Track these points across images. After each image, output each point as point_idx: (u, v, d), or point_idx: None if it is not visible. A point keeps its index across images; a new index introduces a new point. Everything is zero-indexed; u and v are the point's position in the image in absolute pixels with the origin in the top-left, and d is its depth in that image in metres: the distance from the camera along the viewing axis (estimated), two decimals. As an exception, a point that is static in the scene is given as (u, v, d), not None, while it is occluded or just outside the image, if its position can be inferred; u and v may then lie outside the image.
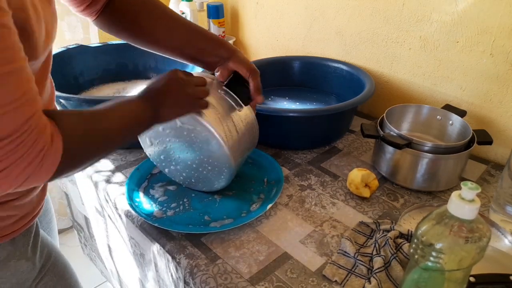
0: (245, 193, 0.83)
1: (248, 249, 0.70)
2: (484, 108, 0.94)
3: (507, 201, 0.72)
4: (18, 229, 0.57)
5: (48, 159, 0.42)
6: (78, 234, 1.42)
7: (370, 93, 0.96)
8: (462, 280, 0.49)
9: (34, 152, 0.41)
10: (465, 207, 0.44)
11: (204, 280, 0.64)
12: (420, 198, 0.82)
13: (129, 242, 0.88)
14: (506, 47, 0.86)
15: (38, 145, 0.41)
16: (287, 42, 1.34)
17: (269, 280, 0.64)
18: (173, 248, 0.70)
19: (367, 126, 0.86)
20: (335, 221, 0.76)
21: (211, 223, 0.75)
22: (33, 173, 0.42)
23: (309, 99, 1.16)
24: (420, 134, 0.94)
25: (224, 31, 1.44)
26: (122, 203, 0.82)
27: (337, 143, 1.02)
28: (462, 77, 0.96)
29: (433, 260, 0.47)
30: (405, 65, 1.06)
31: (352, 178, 0.81)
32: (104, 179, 0.89)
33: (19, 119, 0.40)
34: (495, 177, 0.89)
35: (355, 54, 1.16)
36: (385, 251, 0.65)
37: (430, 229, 0.47)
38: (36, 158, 0.41)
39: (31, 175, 0.42)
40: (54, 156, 0.43)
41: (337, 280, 0.63)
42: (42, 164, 0.42)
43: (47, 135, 0.42)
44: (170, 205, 0.80)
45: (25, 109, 0.40)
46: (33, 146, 0.41)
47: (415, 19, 0.99)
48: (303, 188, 0.85)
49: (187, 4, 1.31)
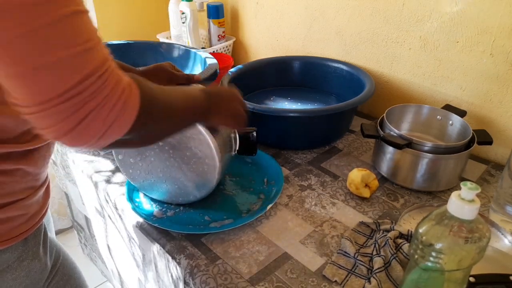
0: (245, 193, 0.83)
1: (248, 249, 0.70)
2: (484, 108, 0.94)
3: (507, 201, 0.72)
4: (29, 229, 0.56)
5: (130, 102, 0.41)
6: (78, 234, 1.42)
7: (370, 93, 0.96)
8: (462, 280, 0.49)
9: (117, 92, 0.39)
10: (465, 207, 0.44)
11: (204, 280, 0.64)
12: (420, 198, 0.82)
13: (129, 242, 0.88)
14: (506, 47, 0.86)
15: (120, 86, 0.40)
16: (287, 42, 1.34)
17: (269, 280, 0.64)
18: (173, 249, 0.71)
19: (367, 126, 0.86)
20: (335, 221, 0.76)
21: (211, 223, 0.75)
22: (116, 120, 0.39)
23: (309, 99, 1.16)
24: (420, 134, 0.94)
25: (224, 31, 1.44)
26: (122, 203, 0.82)
27: (337, 143, 1.02)
28: (462, 77, 0.96)
29: (433, 260, 0.47)
30: (405, 65, 1.06)
31: (352, 178, 0.81)
32: (104, 179, 0.89)
33: (100, 56, 0.39)
34: (495, 177, 0.89)
35: (355, 54, 1.16)
36: (385, 251, 0.65)
37: (430, 229, 0.47)
38: (120, 100, 0.39)
39: (114, 122, 0.39)
40: (134, 101, 0.41)
41: (337, 280, 0.63)
42: (125, 108, 0.40)
43: (125, 80, 0.41)
44: (170, 205, 0.80)
45: (101, 49, 0.39)
46: (116, 86, 0.39)
47: (415, 19, 0.99)
48: (303, 188, 0.85)
49: (187, 4, 1.31)
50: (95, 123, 0.38)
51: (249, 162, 0.92)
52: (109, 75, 0.39)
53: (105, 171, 0.91)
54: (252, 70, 1.17)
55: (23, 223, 0.55)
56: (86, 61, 0.37)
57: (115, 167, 0.92)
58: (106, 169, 0.92)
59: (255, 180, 0.87)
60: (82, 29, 0.38)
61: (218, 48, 1.42)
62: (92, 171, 0.92)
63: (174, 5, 1.39)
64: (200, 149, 0.71)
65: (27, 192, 0.55)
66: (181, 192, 0.77)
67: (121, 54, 1.18)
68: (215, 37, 1.42)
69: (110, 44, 1.20)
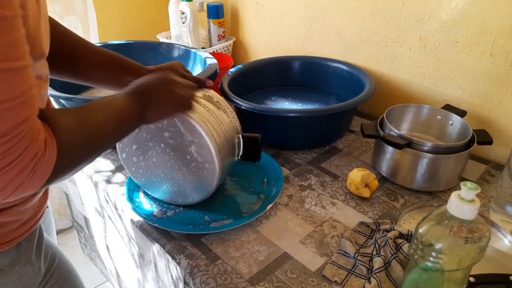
0: (245, 193, 0.83)
1: (248, 249, 0.70)
2: (484, 108, 0.94)
3: (507, 201, 0.72)
4: (21, 234, 0.55)
5: (41, 166, 0.41)
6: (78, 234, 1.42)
7: (370, 93, 0.96)
8: (462, 280, 0.49)
9: (26, 159, 0.39)
10: (465, 207, 0.44)
11: (204, 280, 0.64)
12: (420, 198, 0.82)
13: (129, 242, 0.88)
14: (506, 47, 0.86)
15: (31, 151, 0.39)
16: (287, 42, 1.34)
17: (269, 280, 0.64)
18: (173, 249, 0.71)
19: (367, 126, 0.86)
20: (335, 221, 0.76)
21: (211, 223, 0.75)
22: (25, 181, 0.40)
23: (309, 99, 1.16)
24: (420, 134, 0.94)
25: (224, 31, 1.44)
26: (122, 203, 0.82)
27: (337, 143, 1.02)
28: (462, 77, 0.96)
29: (433, 260, 0.47)
30: (405, 65, 1.06)
31: (352, 178, 0.81)
32: (104, 179, 0.89)
33: (13, 121, 0.38)
34: (495, 177, 0.89)
35: (355, 54, 1.16)
36: (385, 251, 0.65)
37: (430, 229, 0.47)
38: (29, 165, 0.39)
39: (22, 183, 0.40)
40: (47, 164, 0.41)
41: (337, 280, 0.63)
42: (34, 172, 0.40)
43: (41, 141, 0.40)
44: (170, 205, 0.80)
45: (20, 111, 0.39)
46: (25, 152, 0.39)
47: (415, 19, 0.99)
48: (303, 188, 0.85)
49: (187, 4, 1.31)
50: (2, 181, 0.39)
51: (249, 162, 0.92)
52: (19, 140, 0.38)
53: (105, 171, 0.91)
54: (252, 70, 1.17)
55: (16, 228, 0.54)
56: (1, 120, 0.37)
57: (115, 167, 0.92)
58: (106, 169, 0.92)
59: (255, 180, 0.87)
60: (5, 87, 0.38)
61: (218, 48, 1.42)
62: (92, 171, 0.92)
63: (174, 5, 1.39)
64: (200, 153, 0.70)
65: (22, 198, 0.54)
66: (180, 193, 0.77)
67: (121, 54, 1.18)
68: (215, 37, 1.42)
69: (110, 44, 1.20)
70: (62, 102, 0.91)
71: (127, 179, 0.85)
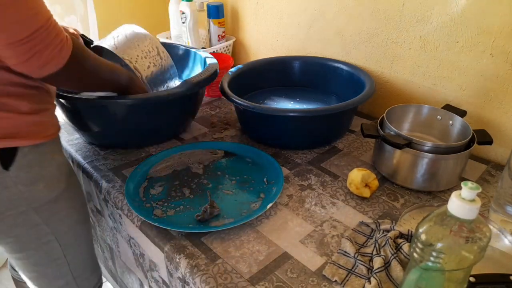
0: (245, 192, 0.83)
1: (248, 249, 0.70)
2: (484, 108, 0.94)
3: (507, 201, 0.72)
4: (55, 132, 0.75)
5: (65, 48, 0.62)
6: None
7: (370, 93, 0.96)
8: (462, 280, 0.49)
9: (56, 41, 0.60)
10: (466, 207, 0.44)
11: (204, 280, 0.64)
12: (420, 198, 0.82)
13: (129, 242, 0.88)
14: (506, 47, 0.86)
15: (59, 38, 0.61)
16: (287, 42, 1.34)
17: (269, 280, 0.64)
18: (173, 248, 0.70)
19: (367, 126, 0.86)
20: (335, 221, 0.76)
21: (211, 223, 0.75)
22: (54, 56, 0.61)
23: (309, 99, 1.16)
24: (420, 134, 0.94)
25: (224, 31, 1.44)
26: (122, 203, 0.82)
27: (337, 143, 1.02)
28: (462, 77, 0.96)
29: (433, 260, 0.47)
30: (405, 65, 1.06)
31: (352, 178, 0.81)
32: (104, 179, 0.89)
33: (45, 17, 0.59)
34: (495, 177, 0.89)
35: (355, 54, 1.16)
36: (385, 251, 0.65)
37: (430, 229, 0.47)
38: (57, 46, 0.61)
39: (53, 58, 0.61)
40: (68, 48, 0.63)
41: (337, 280, 0.63)
42: (60, 52, 0.61)
43: (64, 35, 0.62)
44: (170, 204, 0.80)
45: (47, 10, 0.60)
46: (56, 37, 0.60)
47: (415, 19, 0.99)
48: (303, 188, 0.85)
49: (187, 4, 1.31)
50: (40, 57, 0.60)
51: (249, 162, 0.92)
52: (51, 29, 0.60)
53: (105, 171, 0.91)
54: (252, 70, 1.17)
55: (52, 127, 0.74)
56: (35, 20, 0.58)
57: (115, 167, 0.92)
58: (106, 169, 0.92)
59: (255, 179, 0.87)
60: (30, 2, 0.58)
61: (218, 48, 1.42)
62: (92, 170, 0.92)
63: (174, 5, 1.39)
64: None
65: (51, 104, 0.75)
66: None
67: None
68: (215, 37, 1.42)
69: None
70: (62, 102, 0.91)
71: (127, 178, 0.85)
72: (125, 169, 0.92)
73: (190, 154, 0.96)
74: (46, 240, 0.77)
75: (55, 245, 0.78)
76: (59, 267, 0.81)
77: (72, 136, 1.06)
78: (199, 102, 1.08)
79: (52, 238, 0.77)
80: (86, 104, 0.89)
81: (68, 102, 0.90)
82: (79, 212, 0.83)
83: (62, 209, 0.77)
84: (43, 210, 0.73)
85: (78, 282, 0.86)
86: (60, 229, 0.78)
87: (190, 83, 0.92)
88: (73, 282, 0.85)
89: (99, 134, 0.99)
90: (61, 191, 0.76)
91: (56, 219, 0.77)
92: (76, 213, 0.82)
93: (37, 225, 0.74)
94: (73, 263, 0.83)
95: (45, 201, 0.73)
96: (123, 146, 1.00)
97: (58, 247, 0.79)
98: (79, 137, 1.05)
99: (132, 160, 0.95)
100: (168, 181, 0.87)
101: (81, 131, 1.00)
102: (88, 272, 0.89)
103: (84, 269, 0.87)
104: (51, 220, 0.76)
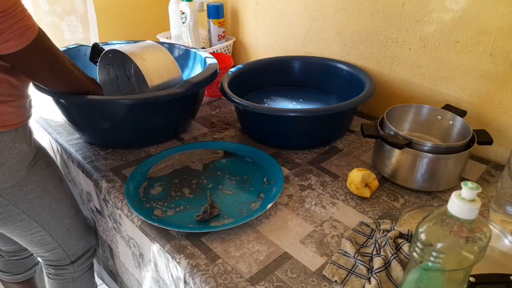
0: (245, 192, 0.83)
1: (248, 249, 0.70)
2: (484, 108, 0.94)
3: (507, 201, 0.72)
4: (19, 123, 0.78)
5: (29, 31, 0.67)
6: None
7: (370, 93, 0.96)
8: (462, 280, 0.49)
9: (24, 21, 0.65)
10: (466, 207, 0.44)
11: (204, 280, 0.64)
12: (420, 198, 0.82)
13: (129, 242, 0.88)
14: (506, 47, 0.86)
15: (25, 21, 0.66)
16: (287, 42, 1.34)
17: (269, 280, 0.64)
18: (173, 248, 0.70)
19: (367, 126, 0.86)
20: (335, 221, 0.76)
21: (211, 223, 0.75)
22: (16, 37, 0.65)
23: (309, 99, 1.16)
24: (420, 134, 0.94)
25: (224, 31, 1.44)
26: (122, 203, 0.82)
27: (337, 143, 1.02)
28: (462, 77, 0.96)
29: (433, 260, 0.47)
30: (405, 65, 1.06)
31: (352, 178, 0.81)
32: (104, 179, 0.89)
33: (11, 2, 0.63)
34: (495, 177, 0.89)
35: (355, 54, 1.16)
36: (385, 251, 0.65)
37: (430, 229, 0.47)
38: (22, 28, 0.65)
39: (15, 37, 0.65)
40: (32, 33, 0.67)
41: (337, 280, 0.63)
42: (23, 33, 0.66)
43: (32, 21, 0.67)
44: (170, 204, 0.80)
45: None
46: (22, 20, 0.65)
47: (415, 19, 0.99)
48: (303, 188, 0.85)
49: (187, 4, 1.31)
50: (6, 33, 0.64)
51: (249, 162, 0.92)
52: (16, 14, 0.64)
53: (105, 171, 0.91)
54: (252, 70, 1.17)
55: (14, 118, 0.77)
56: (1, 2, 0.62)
57: (115, 167, 0.92)
58: (106, 169, 0.92)
59: (255, 179, 0.87)
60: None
61: (218, 48, 1.42)
62: (92, 170, 0.92)
63: (174, 5, 1.39)
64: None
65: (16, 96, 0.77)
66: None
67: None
68: (215, 37, 1.42)
69: (110, 44, 1.20)
70: (62, 102, 0.91)
71: (127, 179, 0.85)
72: (125, 169, 0.92)
73: (190, 154, 0.96)
74: (20, 218, 0.84)
75: (31, 222, 0.86)
76: (42, 237, 0.91)
77: (72, 136, 1.06)
78: (199, 102, 1.08)
79: (25, 217, 0.85)
80: (86, 104, 0.89)
81: (68, 102, 0.90)
82: (51, 193, 0.88)
83: (30, 192, 0.83)
84: (8, 193, 0.80)
85: (64, 248, 0.96)
86: (32, 209, 0.85)
87: (190, 83, 0.92)
88: (59, 248, 0.95)
89: (99, 134, 0.99)
90: (23, 177, 0.81)
91: (25, 201, 0.83)
92: (47, 194, 0.87)
93: (6, 206, 0.81)
94: (55, 234, 0.92)
95: (7, 186, 0.79)
96: (123, 146, 1.00)
97: (35, 223, 0.87)
98: (79, 137, 1.05)
99: (132, 160, 0.95)
100: (168, 181, 0.87)
101: (81, 131, 1.00)
102: (75, 239, 0.97)
103: (69, 237, 0.96)
104: (20, 202, 0.82)
